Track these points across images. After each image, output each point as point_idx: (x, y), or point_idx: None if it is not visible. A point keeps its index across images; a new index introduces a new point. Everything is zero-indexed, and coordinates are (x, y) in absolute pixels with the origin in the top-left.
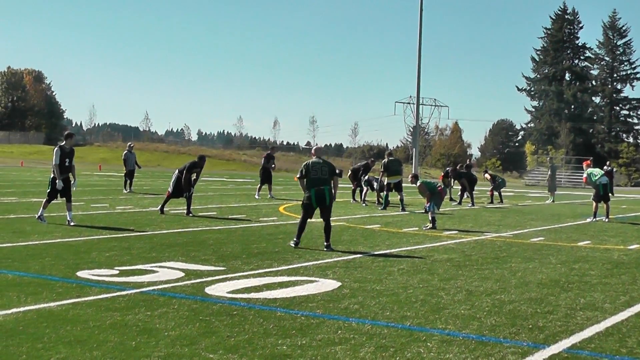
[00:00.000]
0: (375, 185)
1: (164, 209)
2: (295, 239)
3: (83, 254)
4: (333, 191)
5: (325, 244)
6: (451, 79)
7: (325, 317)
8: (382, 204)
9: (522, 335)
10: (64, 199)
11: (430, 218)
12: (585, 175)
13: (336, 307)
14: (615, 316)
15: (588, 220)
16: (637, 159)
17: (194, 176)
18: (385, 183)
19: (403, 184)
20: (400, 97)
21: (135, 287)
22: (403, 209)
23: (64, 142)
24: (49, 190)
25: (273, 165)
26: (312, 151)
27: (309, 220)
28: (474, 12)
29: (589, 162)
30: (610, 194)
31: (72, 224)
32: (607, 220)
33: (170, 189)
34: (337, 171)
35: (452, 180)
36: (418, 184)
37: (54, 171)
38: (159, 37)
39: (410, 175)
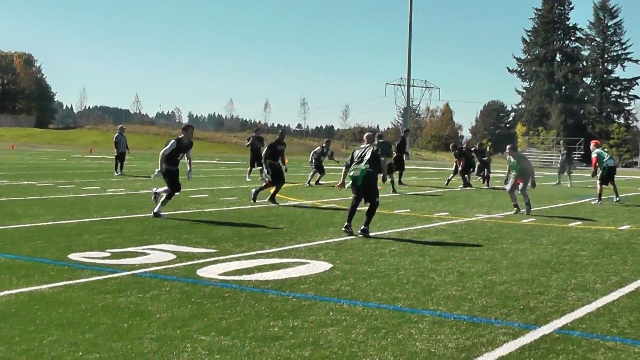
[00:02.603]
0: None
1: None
2: (345, 223)
3: (74, 237)
4: (381, 173)
5: (360, 227)
6: (442, 61)
7: (317, 298)
8: None
9: (514, 316)
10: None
11: (526, 202)
12: (595, 155)
13: (328, 289)
14: (606, 296)
15: (593, 202)
16: (627, 140)
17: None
18: None
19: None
20: (391, 78)
21: (127, 269)
22: (394, 191)
23: (182, 135)
24: (168, 182)
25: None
26: (364, 137)
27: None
28: None
29: (597, 141)
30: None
31: (161, 215)
32: (617, 199)
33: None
34: (380, 156)
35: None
36: (514, 157)
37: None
38: (150, 20)
39: (508, 147)
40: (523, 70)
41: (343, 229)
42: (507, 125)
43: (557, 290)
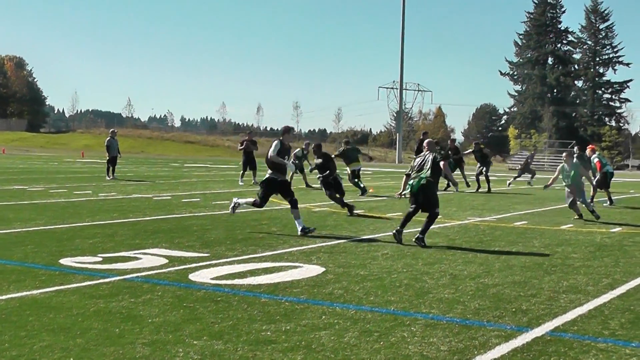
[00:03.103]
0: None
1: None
2: (397, 227)
3: (66, 241)
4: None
5: (416, 236)
6: (434, 64)
7: (309, 302)
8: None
9: (506, 319)
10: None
11: (590, 210)
12: (597, 159)
13: (320, 293)
14: (597, 298)
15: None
16: (619, 142)
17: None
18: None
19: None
20: (383, 82)
21: (118, 274)
22: (363, 194)
23: (282, 138)
24: (262, 193)
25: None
26: (424, 144)
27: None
28: None
29: (593, 146)
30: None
31: (301, 232)
32: (611, 204)
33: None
34: (438, 161)
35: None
36: (569, 165)
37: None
38: (142, 23)
39: (565, 154)
40: (515, 73)
41: (394, 232)
42: (500, 128)
43: (549, 292)
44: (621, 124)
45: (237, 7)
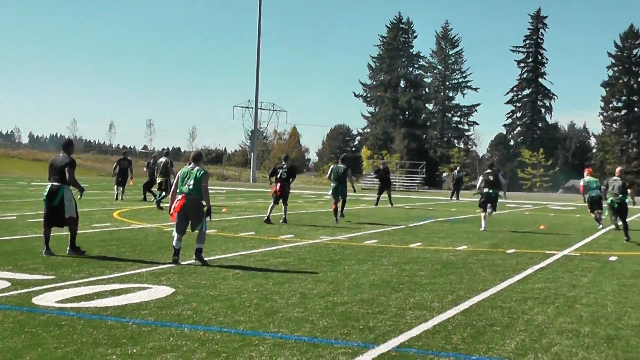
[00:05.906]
0: None
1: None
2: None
3: None
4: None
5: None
6: (290, 84)
7: (157, 324)
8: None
9: (353, 336)
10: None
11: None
12: (582, 183)
13: (169, 314)
14: (442, 314)
15: (599, 227)
16: (467, 164)
17: None
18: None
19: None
20: (239, 101)
21: None
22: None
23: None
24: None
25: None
26: (617, 171)
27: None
28: (312, 19)
29: (590, 169)
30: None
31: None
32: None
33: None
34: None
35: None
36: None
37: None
38: None
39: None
40: (369, 95)
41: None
42: (353, 149)
43: (396, 309)
44: (469, 146)
45: (90, 23)
